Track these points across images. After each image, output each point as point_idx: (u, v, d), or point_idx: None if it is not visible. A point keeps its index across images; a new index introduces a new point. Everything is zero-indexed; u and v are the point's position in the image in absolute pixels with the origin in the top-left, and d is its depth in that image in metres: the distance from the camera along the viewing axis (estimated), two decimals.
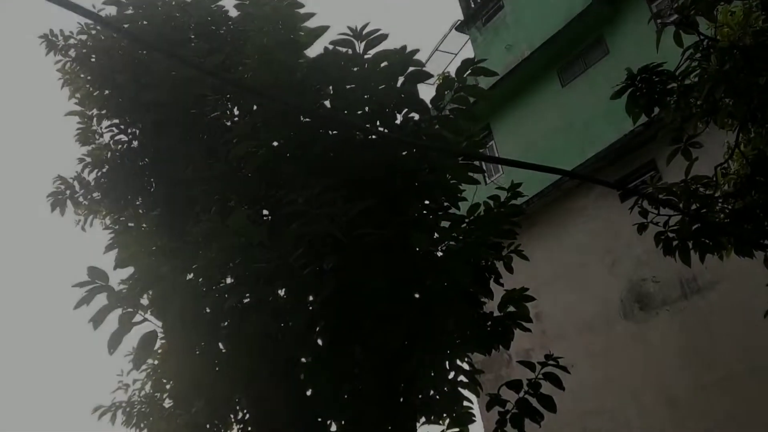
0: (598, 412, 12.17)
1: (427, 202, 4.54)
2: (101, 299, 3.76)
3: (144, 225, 5.12)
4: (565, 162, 12.74)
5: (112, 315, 3.76)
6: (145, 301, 4.04)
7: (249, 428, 5.43)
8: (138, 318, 3.81)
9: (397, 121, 4.31)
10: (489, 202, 5.14)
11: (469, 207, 4.77)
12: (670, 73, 5.32)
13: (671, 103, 5.37)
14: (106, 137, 6.12)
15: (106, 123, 6.03)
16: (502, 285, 5.12)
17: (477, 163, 4.62)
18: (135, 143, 5.85)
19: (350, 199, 3.60)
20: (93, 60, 6.01)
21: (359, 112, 4.13)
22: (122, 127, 5.82)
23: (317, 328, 4.06)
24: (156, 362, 6.19)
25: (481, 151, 4.68)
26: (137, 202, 5.67)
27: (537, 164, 3.44)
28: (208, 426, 5.41)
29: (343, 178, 3.87)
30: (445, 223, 4.74)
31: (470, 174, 4.67)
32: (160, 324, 4.04)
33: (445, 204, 4.78)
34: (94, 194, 6.00)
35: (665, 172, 10.10)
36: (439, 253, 4.64)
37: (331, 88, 4.14)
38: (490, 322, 5.00)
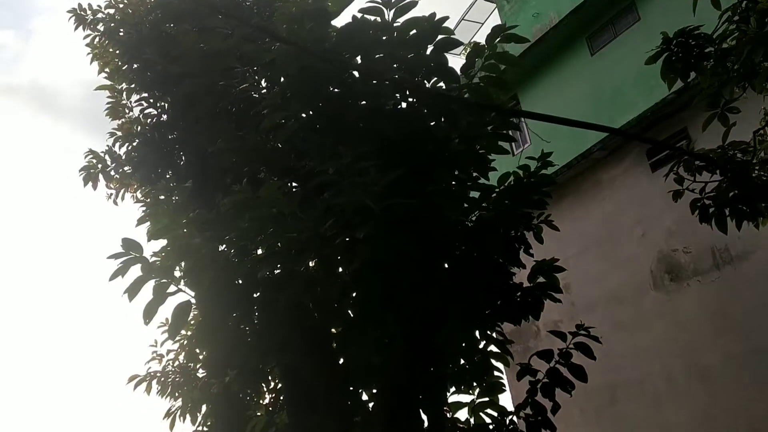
0: (627, 384, 12.13)
1: (456, 172, 4.50)
2: (136, 270, 3.82)
3: (176, 197, 5.17)
4: (595, 132, 12.53)
5: (147, 286, 3.81)
6: (178, 272, 4.09)
7: (281, 397, 5.52)
8: (172, 289, 3.86)
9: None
10: (518, 172, 5.09)
11: (500, 176, 4.72)
12: (707, 36, 5.16)
13: (708, 67, 5.22)
14: (136, 111, 6.18)
15: (135, 97, 6.08)
16: (532, 255, 5.09)
17: (508, 132, 4.56)
18: (164, 117, 5.90)
19: (381, 169, 3.59)
20: (121, 34, 6.04)
21: (388, 82, 4.08)
22: (151, 100, 5.86)
23: (349, 298, 4.07)
24: (189, 333, 6.30)
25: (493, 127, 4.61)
26: (167, 175, 5.73)
27: (582, 121, 3.37)
28: (240, 395, 5.51)
29: (374, 148, 3.85)
30: (474, 194, 4.71)
31: (500, 144, 4.63)
32: (193, 295, 4.09)
33: (474, 174, 4.75)
34: (125, 168, 6.07)
35: (699, 140, 9.89)
36: (469, 224, 4.62)
37: (359, 57, 4.09)
38: (519, 293, 4.98)
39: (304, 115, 4.41)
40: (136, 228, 5.47)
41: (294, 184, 4.42)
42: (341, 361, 4.33)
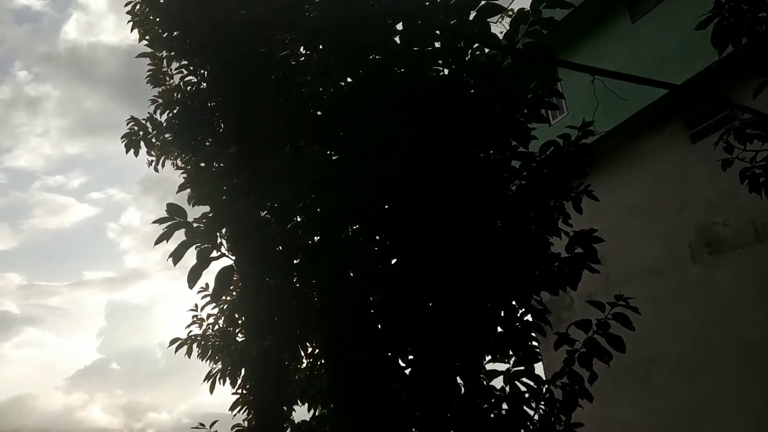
0: (661, 357, 12.06)
1: (497, 140, 4.47)
2: (180, 235, 3.89)
3: (218, 164, 5.23)
4: (636, 100, 12.29)
5: (191, 251, 3.88)
6: (221, 238, 4.16)
7: (318, 362, 5.61)
8: (215, 254, 3.92)
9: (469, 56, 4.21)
10: (558, 141, 5.05)
11: (541, 145, 4.68)
12: (760, 0, 5.00)
13: (760, 32, 5.06)
14: (176, 78, 6.23)
15: (175, 65, 6.12)
16: (570, 226, 5.06)
17: (551, 99, 4.50)
18: (204, 84, 5.93)
19: (422, 137, 3.58)
20: (162, 1, 6.06)
21: (429, 48, 4.05)
22: (191, 68, 5.90)
23: (389, 266, 4.10)
24: (228, 298, 6.43)
25: (540, 93, 4.55)
26: (207, 143, 5.78)
27: (640, 77, 3.30)
28: (279, 359, 5.60)
29: (415, 116, 3.83)
30: (514, 162, 4.68)
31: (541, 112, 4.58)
32: (234, 260, 4.16)
33: (513, 144, 4.71)
34: (166, 135, 6.14)
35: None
36: (509, 193, 4.60)
37: (401, 23, 4.06)
38: (557, 263, 4.96)
39: (343, 83, 4.41)
40: (177, 195, 5.56)
41: (334, 152, 4.42)
42: (380, 327, 4.37)
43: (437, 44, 4.09)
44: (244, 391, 6.27)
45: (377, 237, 4.05)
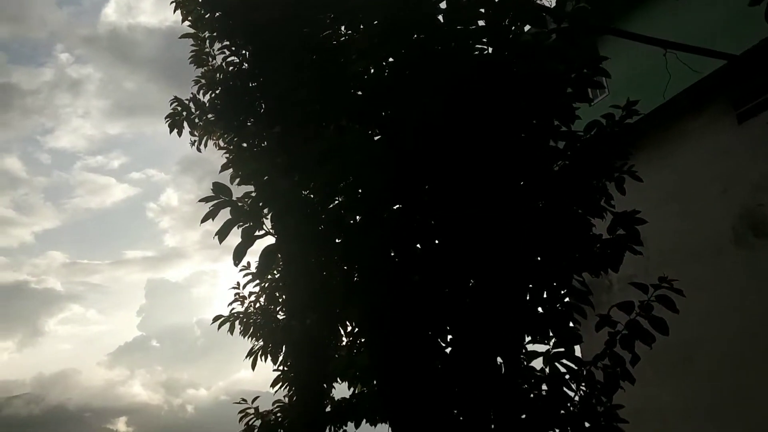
0: (703, 341, 11.89)
1: (541, 120, 4.44)
2: (225, 214, 3.96)
3: (263, 143, 5.28)
4: (680, 80, 12.01)
5: (236, 229, 3.95)
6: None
7: (358, 341, 5.67)
8: (260, 232, 3.99)
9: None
10: (601, 120, 4.99)
11: (586, 125, 4.64)
12: None
13: None
14: (219, 59, 6.27)
15: (218, 45, 6.17)
16: (613, 207, 5.01)
17: (597, 78, 4.44)
18: (245, 65, 5.96)
19: (466, 117, 3.57)
20: None
21: (473, 27, 4.02)
22: (233, 49, 5.93)
23: (430, 246, 4.12)
24: (270, 277, 6.51)
25: (585, 71, 4.49)
26: (248, 123, 5.83)
27: (696, 46, 3.24)
28: (320, 338, 5.68)
29: (458, 95, 3.82)
30: (557, 143, 4.65)
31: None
32: (278, 239, 4.22)
33: (556, 123, 4.67)
34: (209, 115, 6.20)
35: None
36: (551, 173, 4.57)
37: (445, 1, 4.03)
38: (598, 245, 4.92)
39: (385, 63, 4.40)
40: (219, 174, 5.63)
41: (376, 131, 4.44)
42: (421, 306, 4.40)
43: (481, 23, 4.05)
44: (285, 368, 6.37)
45: (419, 217, 4.06)
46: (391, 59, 4.29)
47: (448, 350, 4.53)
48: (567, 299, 4.91)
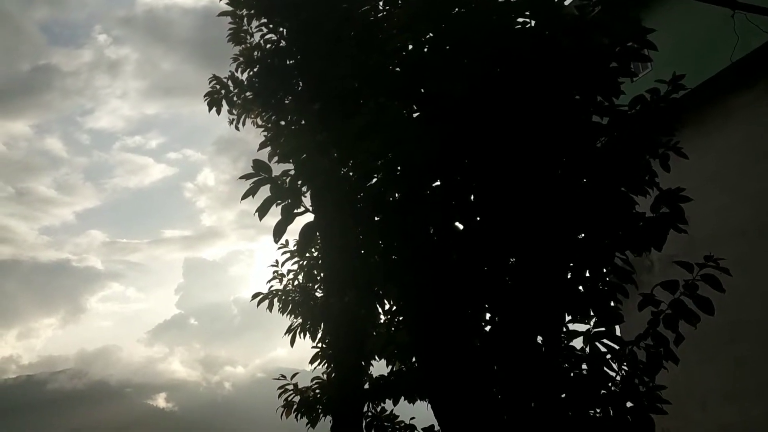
0: (748, 324, 11.62)
1: (584, 94, 4.34)
2: (265, 191, 3.97)
3: (301, 121, 5.28)
4: (724, 56, 11.65)
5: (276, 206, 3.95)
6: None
7: (396, 318, 5.67)
8: (300, 209, 3.99)
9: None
10: (646, 95, 4.86)
11: (631, 100, 4.52)
12: None
13: None
14: (257, 37, 6.27)
15: (255, 23, 6.17)
16: (657, 184, 4.89)
17: (643, 51, 4.31)
18: (283, 43, 5.96)
19: (507, 93, 3.50)
20: None
21: (514, 0, 3.93)
22: (271, 26, 5.92)
23: (471, 224, 4.08)
24: (308, 254, 6.55)
25: (630, 45, 4.36)
26: (286, 101, 5.84)
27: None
28: (358, 315, 5.71)
29: (500, 71, 3.75)
30: (599, 118, 4.55)
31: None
32: (319, 216, 4.22)
33: (599, 99, 4.57)
34: (247, 93, 6.22)
35: None
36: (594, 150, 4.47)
37: None
38: (641, 223, 4.82)
39: (425, 38, 4.34)
40: (258, 152, 5.65)
41: (415, 108, 4.39)
42: (461, 284, 4.37)
43: None
44: (324, 346, 6.43)
45: (459, 194, 4.02)
46: (430, 34, 4.24)
47: (487, 328, 4.52)
48: (609, 278, 4.84)
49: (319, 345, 6.46)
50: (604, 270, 4.70)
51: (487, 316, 4.57)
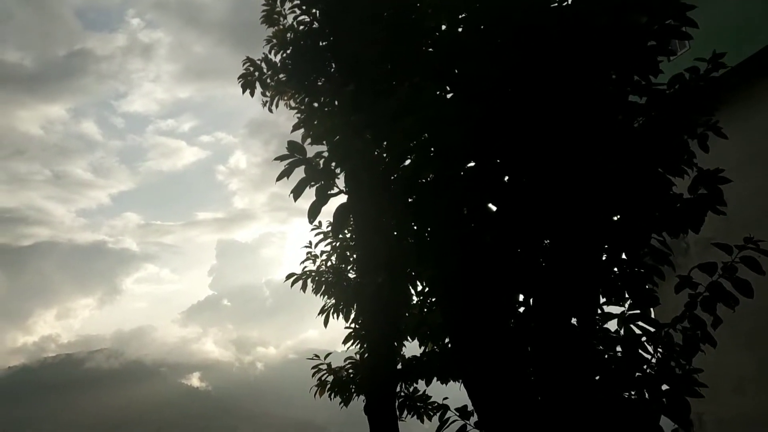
0: None
1: (621, 74, 4.27)
2: (300, 172, 3.99)
3: (334, 102, 5.29)
4: (765, 34, 11.35)
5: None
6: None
7: (428, 300, 5.69)
8: (334, 190, 4.01)
9: None
10: (685, 74, 4.77)
11: (669, 79, 4.44)
12: None
13: None
14: (290, 18, 6.28)
15: (288, 4, 6.17)
16: (695, 165, 4.81)
17: (684, 29, 4.22)
18: (316, 24, 5.96)
19: (543, 73, 3.46)
20: None
21: None
22: (304, 7, 5.92)
23: (505, 204, 4.07)
24: (341, 236, 6.60)
25: (669, 22, 4.26)
26: (319, 83, 5.85)
27: None
28: (391, 296, 5.73)
29: (536, 50, 3.70)
30: (635, 98, 4.48)
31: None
32: (352, 197, 4.24)
33: (635, 78, 4.49)
34: (280, 75, 6.24)
35: None
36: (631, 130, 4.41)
37: None
38: (679, 204, 4.75)
39: (460, 17, 4.31)
40: (291, 134, 5.67)
41: (450, 89, 4.37)
42: (494, 265, 4.37)
43: None
44: (357, 326, 6.48)
45: (494, 175, 4.00)
46: (464, 14, 4.20)
47: (521, 310, 4.51)
48: (645, 260, 4.78)
49: (352, 325, 6.52)
50: (640, 252, 4.66)
51: (521, 297, 4.56)
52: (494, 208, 4.27)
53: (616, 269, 4.66)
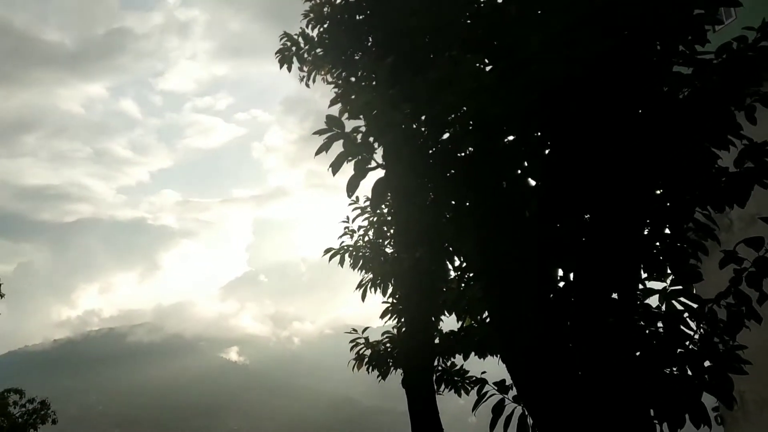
0: None
1: (666, 43, 4.16)
2: (338, 146, 3.99)
3: (372, 76, 5.27)
4: None
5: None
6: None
7: (466, 275, 5.68)
8: (372, 164, 4.00)
9: None
10: (733, 43, 4.62)
11: (717, 48, 4.30)
12: None
13: None
14: None
15: None
16: (741, 138, 4.68)
17: None
18: None
19: (591, 40, 3.38)
20: None
21: None
22: None
23: (546, 178, 4.02)
24: (378, 211, 6.61)
25: None
26: (356, 57, 5.82)
27: None
28: (428, 270, 5.74)
29: (580, 18, 3.62)
30: (680, 69, 4.36)
31: None
32: (390, 171, 4.22)
33: (681, 49, 4.37)
34: (317, 50, 6.22)
35: None
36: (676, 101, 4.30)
37: None
38: (724, 178, 4.64)
39: None
40: (329, 109, 5.65)
41: (489, 60, 4.31)
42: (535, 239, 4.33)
43: None
44: (394, 301, 6.51)
45: (534, 149, 3.95)
46: None
47: (561, 285, 4.47)
48: (688, 235, 4.69)
49: (390, 300, 6.55)
50: (684, 226, 4.57)
51: (560, 272, 4.52)
52: (533, 183, 4.22)
53: (658, 244, 4.58)
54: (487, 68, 4.34)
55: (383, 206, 6.31)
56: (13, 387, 23.67)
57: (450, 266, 5.82)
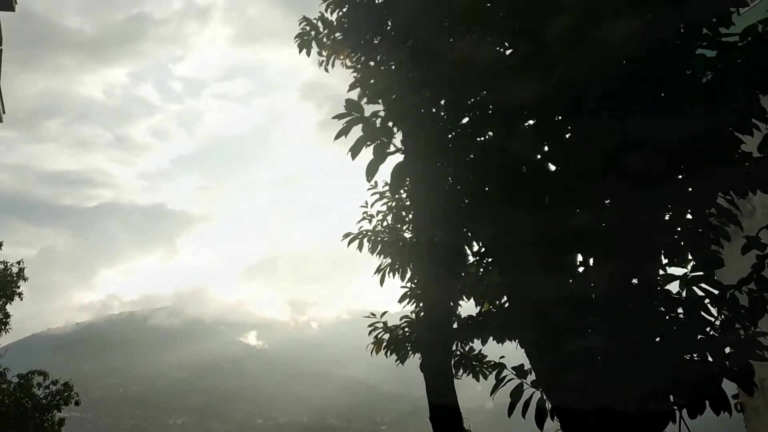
0: None
1: (689, 26, 4.10)
2: (358, 131, 4.00)
3: (390, 61, 5.25)
4: None
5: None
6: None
7: (485, 260, 5.67)
8: (392, 148, 4.01)
9: None
10: (758, 26, 4.54)
11: (742, 31, 4.23)
12: None
13: None
14: None
15: None
16: (766, 122, 4.60)
17: None
18: None
19: (615, 23, 3.34)
20: None
21: None
22: None
23: (570, 162, 3.99)
24: (396, 196, 6.61)
25: None
26: (375, 41, 5.79)
27: None
28: (447, 256, 5.72)
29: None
30: (704, 52, 4.30)
31: None
32: (409, 156, 4.22)
33: (705, 32, 4.31)
34: (336, 34, 6.21)
35: None
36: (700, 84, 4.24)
37: None
38: (748, 163, 4.57)
39: None
40: (348, 93, 5.65)
41: (509, 43, 4.27)
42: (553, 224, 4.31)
43: None
44: (413, 285, 6.52)
45: (554, 133, 3.92)
46: None
47: (580, 270, 4.46)
48: (710, 221, 4.64)
49: (408, 284, 6.56)
50: (706, 212, 4.52)
51: (580, 257, 4.50)
52: (553, 168, 4.20)
53: (679, 229, 4.54)
54: (508, 52, 4.31)
55: (402, 191, 6.30)
56: (36, 369, 24.05)
57: (468, 251, 5.81)
